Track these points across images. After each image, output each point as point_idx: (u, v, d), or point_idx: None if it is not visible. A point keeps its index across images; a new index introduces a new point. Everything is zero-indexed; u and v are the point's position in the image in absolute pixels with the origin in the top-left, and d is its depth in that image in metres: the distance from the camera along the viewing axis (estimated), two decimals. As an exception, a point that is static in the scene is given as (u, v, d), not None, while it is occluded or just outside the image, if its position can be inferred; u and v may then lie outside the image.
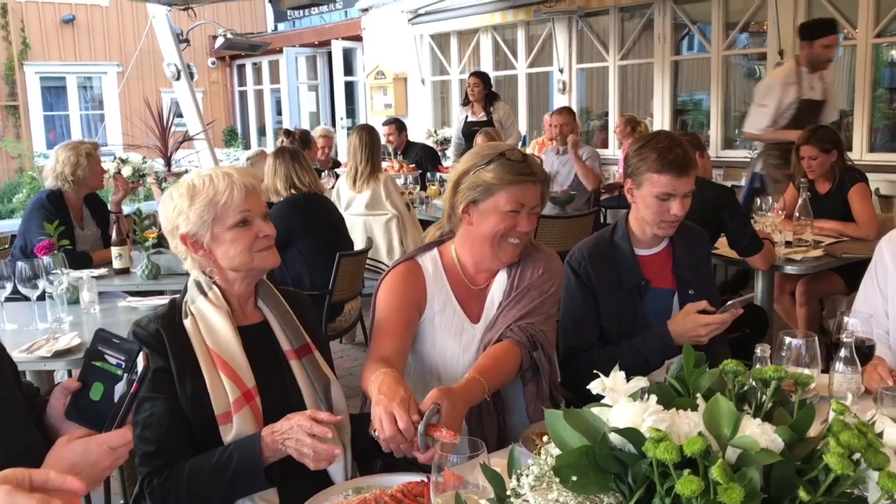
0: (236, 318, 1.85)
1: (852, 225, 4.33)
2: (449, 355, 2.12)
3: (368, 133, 5.34)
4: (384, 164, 6.39)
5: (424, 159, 7.60)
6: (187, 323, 1.80)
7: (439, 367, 2.12)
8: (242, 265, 1.83)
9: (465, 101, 7.99)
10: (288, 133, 7.55)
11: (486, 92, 7.81)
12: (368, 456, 1.94)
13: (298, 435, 1.65)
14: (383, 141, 7.78)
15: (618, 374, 1.17)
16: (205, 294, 1.83)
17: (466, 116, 7.92)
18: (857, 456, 1.01)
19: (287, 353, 1.89)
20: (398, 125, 7.89)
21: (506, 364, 2.02)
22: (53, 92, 16.95)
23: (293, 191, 4.32)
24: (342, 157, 9.47)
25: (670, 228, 2.41)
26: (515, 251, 2.12)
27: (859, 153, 6.94)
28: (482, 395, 1.90)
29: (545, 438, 1.18)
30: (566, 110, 6.77)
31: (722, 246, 3.93)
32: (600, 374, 1.23)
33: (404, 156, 7.69)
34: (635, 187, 2.41)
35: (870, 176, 5.59)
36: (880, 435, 1.08)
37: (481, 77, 7.96)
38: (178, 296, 1.90)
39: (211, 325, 1.80)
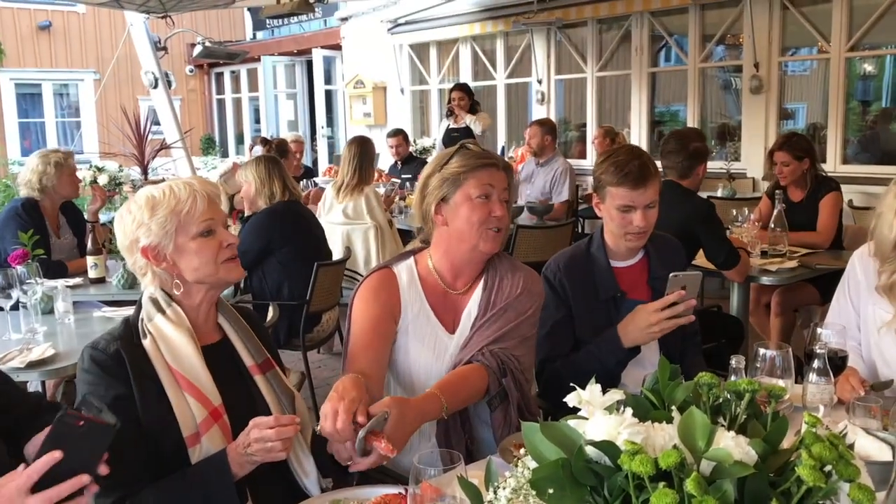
0: (197, 336, 1.80)
1: (812, 233, 4.39)
2: (422, 364, 2.11)
3: (359, 146, 5.36)
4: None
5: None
6: (146, 343, 1.75)
7: (412, 375, 2.11)
8: (208, 276, 1.79)
9: (449, 113, 8.08)
10: (265, 142, 7.54)
11: (470, 103, 7.97)
12: (337, 468, 1.93)
13: (258, 434, 1.63)
14: (391, 153, 7.81)
15: (594, 387, 1.18)
16: (162, 311, 1.78)
17: (448, 125, 8.03)
18: (828, 468, 1.03)
19: (251, 369, 1.87)
20: (404, 136, 7.96)
21: (470, 385, 2.00)
22: (28, 98, 16.80)
23: (287, 195, 4.32)
24: (321, 166, 9.45)
25: (637, 240, 2.43)
26: (497, 239, 2.11)
27: (833, 165, 7.03)
28: (439, 412, 1.88)
29: (522, 451, 1.19)
30: (535, 122, 6.80)
31: (698, 257, 3.96)
32: (566, 382, 1.24)
33: (405, 165, 7.70)
34: (601, 201, 2.46)
35: (844, 188, 5.67)
36: (851, 447, 1.10)
37: (465, 90, 8.10)
38: (131, 315, 1.84)
39: (172, 344, 1.75)
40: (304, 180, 7.37)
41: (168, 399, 1.70)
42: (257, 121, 17.19)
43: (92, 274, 3.97)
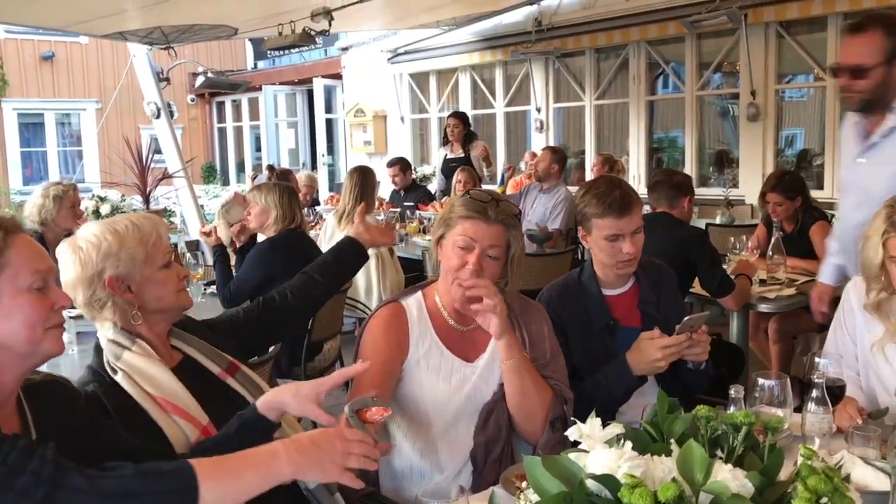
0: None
1: (816, 263, 4.43)
2: (439, 396, 2.10)
3: (361, 175, 5.41)
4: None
5: (424, 201, 7.65)
6: (119, 378, 1.74)
7: (429, 407, 2.10)
8: (169, 305, 1.85)
9: (445, 141, 8.12)
10: (271, 168, 7.60)
11: (465, 132, 7.95)
12: None
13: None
14: (390, 183, 7.82)
15: (594, 421, 1.20)
16: (128, 349, 1.78)
17: (446, 154, 8.06)
18: (824, 500, 1.05)
19: (220, 375, 1.90)
20: (402, 166, 7.77)
21: (541, 379, 2.09)
22: (31, 128, 16.93)
23: (296, 223, 4.36)
24: (323, 196, 9.51)
25: (629, 266, 2.45)
26: (465, 295, 2.03)
27: (830, 191, 7.07)
28: (519, 351, 2.04)
29: (524, 484, 1.21)
30: (548, 148, 6.87)
31: (696, 285, 3.98)
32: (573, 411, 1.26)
33: (407, 194, 7.72)
34: (587, 233, 2.47)
35: (841, 214, 5.66)
36: (847, 478, 1.12)
37: (460, 118, 8.12)
38: (91, 362, 1.81)
39: (147, 373, 1.76)
40: (306, 208, 7.41)
41: (157, 425, 1.72)
42: (258, 149, 17.30)
43: (95, 305, 3.99)
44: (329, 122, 14.32)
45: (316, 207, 7.87)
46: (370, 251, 5.14)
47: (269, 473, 1.39)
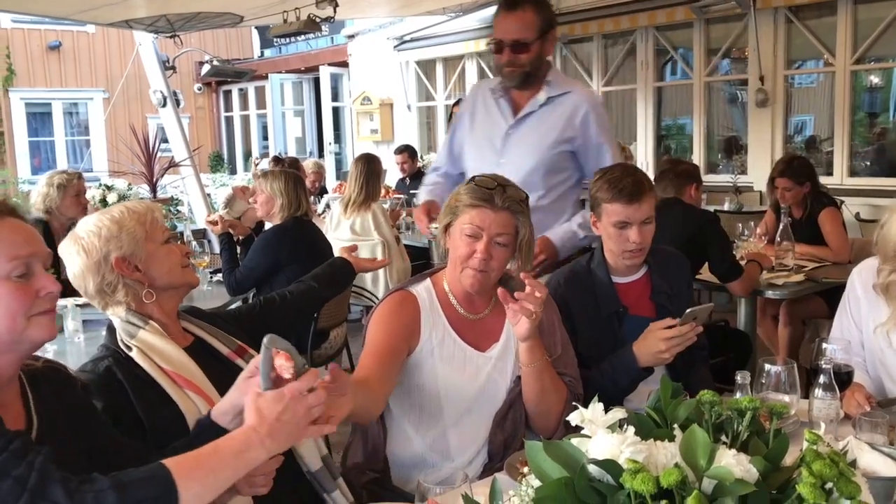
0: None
1: (826, 249, 4.41)
2: (453, 387, 2.08)
3: (366, 163, 5.41)
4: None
5: None
6: (134, 354, 1.78)
7: (441, 398, 2.08)
8: (177, 279, 1.89)
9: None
10: (277, 160, 7.58)
11: None
12: None
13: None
14: (399, 169, 7.84)
15: (596, 406, 1.19)
16: (142, 328, 1.82)
17: (451, 142, 8.05)
18: (829, 485, 1.04)
19: (229, 356, 1.94)
20: (410, 153, 7.95)
21: (558, 379, 2.08)
22: (39, 118, 16.96)
23: (297, 211, 4.35)
24: (330, 184, 9.51)
25: (635, 257, 2.42)
26: (477, 278, 2.04)
27: (840, 178, 7.03)
28: (542, 355, 2.03)
29: (526, 469, 1.20)
30: None
31: (704, 271, 3.96)
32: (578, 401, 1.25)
33: (412, 181, 7.72)
34: (597, 219, 2.44)
35: (850, 200, 5.63)
36: (853, 464, 1.11)
37: None
38: (104, 342, 1.84)
39: (160, 349, 1.79)
40: (312, 197, 7.40)
41: (172, 399, 1.75)
42: (265, 138, 17.30)
43: (101, 293, 3.99)
44: (336, 111, 14.29)
45: (324, 195, 7.87)
46: (376, 238, 5.24)
47: (245, 462, 1.39)
